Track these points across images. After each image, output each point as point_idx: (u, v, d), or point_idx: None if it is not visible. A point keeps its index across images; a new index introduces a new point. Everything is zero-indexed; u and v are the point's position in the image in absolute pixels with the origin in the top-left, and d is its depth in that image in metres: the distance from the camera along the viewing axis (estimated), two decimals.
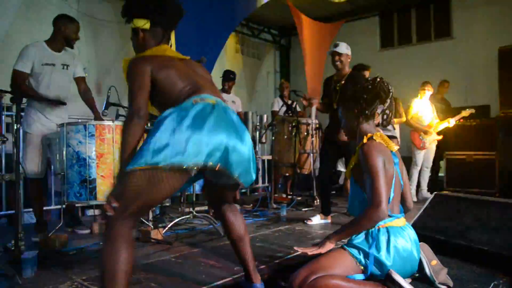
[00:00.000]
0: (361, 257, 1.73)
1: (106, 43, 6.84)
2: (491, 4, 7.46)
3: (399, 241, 1.75)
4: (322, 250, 1.80)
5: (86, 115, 3.90)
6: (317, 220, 3.83)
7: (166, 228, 3.30)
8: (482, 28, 7.55)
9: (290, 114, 5.40)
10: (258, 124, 5.94)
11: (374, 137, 1.90)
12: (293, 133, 4.89)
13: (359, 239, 1.77)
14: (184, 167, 1.44)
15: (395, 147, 1.93)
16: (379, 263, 1.71)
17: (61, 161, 2.98)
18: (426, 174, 5.58)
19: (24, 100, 3.29)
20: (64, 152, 2.93)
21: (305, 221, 3.83)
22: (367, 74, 4.55)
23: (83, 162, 2.88)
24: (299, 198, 5.29)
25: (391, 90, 1.92)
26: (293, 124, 4.92)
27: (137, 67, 1.67)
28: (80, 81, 3.49)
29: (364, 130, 1.98)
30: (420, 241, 1.93)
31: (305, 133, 5.09)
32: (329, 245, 1.82)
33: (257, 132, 5.82)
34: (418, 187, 5.55)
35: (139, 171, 1.44)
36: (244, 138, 1.61)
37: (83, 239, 3.23)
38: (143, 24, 1.80)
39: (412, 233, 1.85)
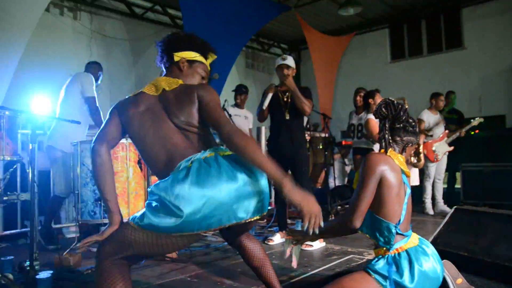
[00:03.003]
0: (387, 284, 1.68)
1: (118, 60, 6.94)
2: (503, 13, 7.41)
3: (423, 263, 1.70)
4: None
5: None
6: (277, 239, 3.63)
7: None
8: (494, 37, 7.49)
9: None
10: None
11: (388, 153, 1.83)
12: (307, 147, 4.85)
13: (380, 264, 1.72)
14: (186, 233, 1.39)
15: (409, 173, 1.85)
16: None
17: (75, 180, 2.99)
18: (440, 186, 5.47)
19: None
20: (78, 171, 2.93)
21: (265, 241, 3.60)
22: (378, 95, 4.52)
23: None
24: None
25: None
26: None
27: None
28: None
29: (382, 145, 1.89)
30: (441, 258, 1.86)
31: (319, 147, 5.05)
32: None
33: None
34: (434, 200, 5.45)
35: (139, 227, 1.42)
36: (231, 178, 1.44)
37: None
38: (194, 56, 1.74)
39: (430, 248, 1.80)
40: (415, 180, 4.62)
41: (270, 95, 3.59)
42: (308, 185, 3.59)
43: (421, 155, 4.30)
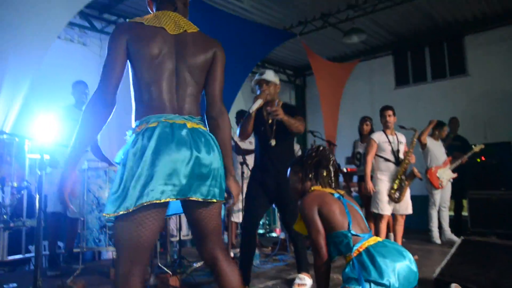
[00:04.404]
0: (361, 286, 1.68)
1: (126, 85, 7.03)
2: (504, 39, 7.48)
3: (384, 254, 1.72)
4: None
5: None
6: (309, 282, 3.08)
7: (185, 275, 3.23)
8: (497, 64, 7.54)
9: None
10: None
11: (312, 189, 2.00)
12: None
13: (348, 269, 1.75)
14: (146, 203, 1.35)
15: (339, 191, 2.02)
16: (377, 284, 1.65)
17: (81, 206, 3.00)
18: (446, 214, 5.41)
19: None
20: (85, 197, 2.95)
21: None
22: (390, 113, 4.47)
23: (103, 208, 2.88)
24: None
25: (331, 158, 2.09)
26: None
27: (111, 37, 1.47)
28: None
29: (307, 189, 2.05)
30: None
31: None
32: None
33: None
34: (440, 228, 5.37)
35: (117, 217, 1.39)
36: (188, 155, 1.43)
37: (100, 285, 3.18)
38: None
39: (396, 246, 1.81)
40: (408, 209, 4.38)
41: (260, 101, 2.98)
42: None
43: (404, 191, 4.17)
